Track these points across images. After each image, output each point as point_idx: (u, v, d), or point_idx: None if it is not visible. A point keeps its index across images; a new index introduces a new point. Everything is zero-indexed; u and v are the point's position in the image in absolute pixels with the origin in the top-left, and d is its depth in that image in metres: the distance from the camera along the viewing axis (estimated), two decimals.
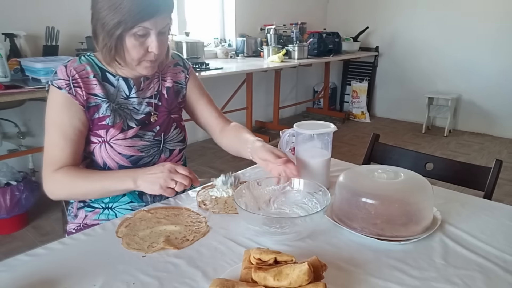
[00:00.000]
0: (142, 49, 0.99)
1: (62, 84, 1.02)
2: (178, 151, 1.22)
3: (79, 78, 1.03)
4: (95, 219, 1.13)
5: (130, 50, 0.99)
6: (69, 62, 1.05)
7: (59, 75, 1.02)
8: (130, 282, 0.73)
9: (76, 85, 1.03)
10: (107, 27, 0.96)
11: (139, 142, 1.11)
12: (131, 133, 1.10)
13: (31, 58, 2.52)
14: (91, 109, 1.05)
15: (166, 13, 0.98)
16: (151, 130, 1.15)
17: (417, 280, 0.73)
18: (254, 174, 1.26)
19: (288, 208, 0.99)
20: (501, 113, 4.27)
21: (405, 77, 4.89)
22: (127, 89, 1.11)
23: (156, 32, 0.98)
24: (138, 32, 0.96)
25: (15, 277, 0.74)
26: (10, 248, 2.21)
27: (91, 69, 1.06)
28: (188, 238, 0.87)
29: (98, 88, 1.06)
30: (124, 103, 1.11)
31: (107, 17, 0.94)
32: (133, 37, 0.97)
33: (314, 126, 1.10)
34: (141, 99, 1.13)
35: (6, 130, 2.67)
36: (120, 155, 1.09)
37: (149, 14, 0.94)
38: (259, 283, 0.65)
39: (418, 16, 4.63)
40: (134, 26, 0.95)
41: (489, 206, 1.04)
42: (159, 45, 0.99)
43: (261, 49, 4.17)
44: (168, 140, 1.19)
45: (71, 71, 1.03)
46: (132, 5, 0.92)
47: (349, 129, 4.70)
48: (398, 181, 0.90)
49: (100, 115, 1.06)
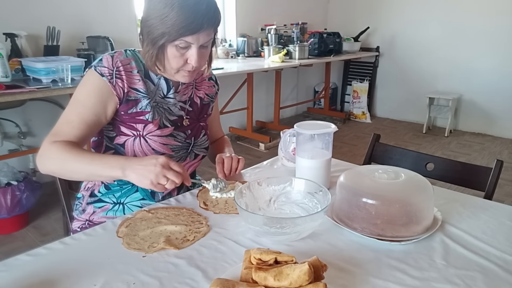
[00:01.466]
0: (181, 60, 1.02)
1: (105, 72, 1.03)
2: (201, 157, 1.26)
3: (123, 70, 1.05)
4: (103, 216, 1.14)
5: (170, 59, 1.02)
6: (116, 53, 1.07)
7: (104, 63, 1.04)
8: (131, 282, 0.73)
9: (118, 77, 1.04)
10: (152, 35, 0.98)
11: (172, 141, 1.14)
12: (167, 131, 1.13)
13: (32, 58, 2.52)
14: (130, 102, 1.07)
15: (210, 29, 0.99)
16: (183, 132, 1.18)
17: (418, 281, 0.73)
18: (254, 174, 1.26)
19: (288, 208, 0.99)
20: (502, 113, 4.26)
21: (406, 77, 4.89)
22: (166, 89, 1.14)
23: (197, 46, 0.99)
24: (180, 45, 0.98)
25: (16, 277, 0.74)
26: (11, 248, 2.21)
27: (135, 64, 1.09)
28: (189, 238, 0.87)
29: (140, 83, 1.08)
30: (160, 102, 1.13)
31: (153, 25, 0.97)
32: (174, 48, 0.99)
33: (315, 126, 1.10)
34: (176, 101, 1.16)
35: (7, 130, 2.67)
36: (153, 151, 1.10)
37: (192, 30, 0.96)
38: (259, 283, 0.65)
39: (418, 16, 4.62)
40: (176, 39, 0.97)
41: (490, 206, 1.04)
42: (199, 58, 1.01)
43: (261, 49, 4.17)
44: (197, 144, 1.22)
45: (117, 63, 1.05)
46: (177, 19, 0.94)
47: (349, 129, 4.70)
48: (399, 181, 0.90)
49: (139, 110, 1.08)
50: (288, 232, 0.83)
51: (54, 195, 1.28)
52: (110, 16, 3.11)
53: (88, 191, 1.19)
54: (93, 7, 3.00)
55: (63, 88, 2.24)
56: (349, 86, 5.29)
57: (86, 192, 1.19)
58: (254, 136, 4.08)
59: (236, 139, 4.14)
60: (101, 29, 2.96)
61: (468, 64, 4.37)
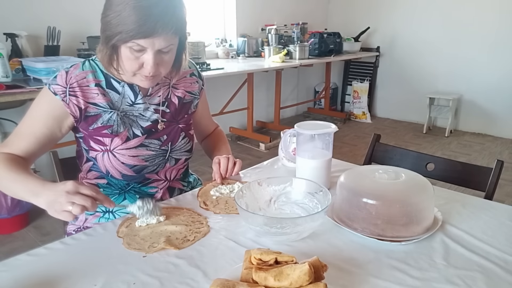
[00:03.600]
0: (136, 63, 0.95)
1: (58, 90, 1.00)
2: (184, 160, 1.20)
3: (78, 87, 1.01)
4: (95, 223, 1.12)
5: (124, 61, 0.96)
6: (71, 68, 1.03)
7: (58, 80, 1.00)
8: (131, 282, 0.73)
9: (72, 94, 1.00)
10: (105, 33, 0.93)
11: (144, 151, 1.09)
12: (136, 142, 1.07)
13: (32, 58, 2.52)
14: (89, 118, 1.03)
15: (165, 34, 0.91)
16: (157, 139, 1.12)
17: (418, 281, 0.73)
18: (254, 174, 1.26)
19: (288, 209, 0.99)
20: (502, 113, 4.26)
21: (406, 78, 4.88)
22: (133, 95, 1.08)
23: (153, 51, 0.92)
24: (133, 47, 0.92)
25: (16, 277, 0.74)
26: (11, 248, 2.21)
27: (93, 76, 1.04)
28: (189, 238, 0.87)
29: (99, 97, 1.03)
30: (129, 110, 1.08)
31: (108, 23, 0.91)
32: (128, 50, 0.93)
33: (315, 126, 1.10)
34: (148, 105, 1.10)
35: (7, 130, 2.67)
36: (123, 165, 1.06)
37: (144, 34, 0.89)
38: (259, 283, 0.65)
39: (419, 16, 4.62)
40: (128, 41, 0.90)
41: (490, 206, 1.04)
42: (156, 63, 0.95)
43: (262, 49, 4.17)
44: (175, 149, 1.16)
45: (71, 79, 1.01)
46: (128, 20, 0.87)
47: (350, 129, 4.70)
48: (399, 181, 0.90)
49: (100, 125, 1.04)
50: (289, 232, 0.83)
51: None
52: None
53: None
54: (93, 7, 2.97)
55: None
56: (349, 86, 5.29)
57: None
58: (255, 136, 4.08)
59: (236, 139, 4.14)
60: None
61: (468, 64, 4.37)
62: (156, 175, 1.16)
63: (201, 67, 3.17)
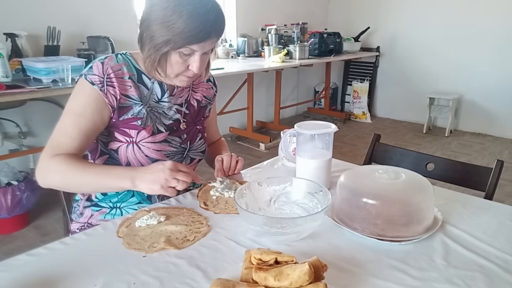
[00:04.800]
0: (183, 66, 1.01)
1: (96, 80, 1.01)
2: (198, 160, 1.24)
3: (114, 77, 1.04)
4: (101, 219, 1.13)
5: (173, 65, 1.01)
6: (106, 59, 1.05)
7: (94, 71, 1.02)
8: (131, 282, 0.73)
9: (109, 84, 1.03)
10: (155, 41, 0.96)
11: (167, 147, 1.12)
12: (161, 137, 1.11)
13: (32, 58, 2.52)
14: (122, 109, 1.06)
15: (215, 38, 0.99)
16: (178, 137, 1.16)
17: (418, 281, 0.73)
18: (254, 174, 1.26)
19: (288, 208, 0.99)
20: (502, 113, 4.26)
21: (406, 77, 4.88)
22: (160, 93, 1.12)
23: (200, 53, 0.99)
24: (184, 52, 0.98)
25: (16, 277, 0.74)
26: (11, 248, 2.21)
27: (127, 69, 1.07)
28: (189, 238, 0.87)
29: (132, 89, 1.06)
30: (155, 106, 1.12)
31: (158, 31, 0.95)
32: (178, 55, 0.98)
33: (315, 126, 1.10)
34: (172, 104, 1.14)
35: (7, 130, 2.67)
36: (146, 158, 1.08)
37: (200, 39, 0.95)
38: (259, 283, 0.65)
39: (419, 16, 4.62)
40: (182, 47, 0.96)
41: (490, 206, 1.04)
42: (201, 64, 1.01)
43: (262, 49, 4.17)
44: (193, 149, 1.21)
45: (108, 69, 1.03)
46: (185, 28, 0.92)
47: (350, 129, 4.70)
48: (399, 181, 0.90)
49: (131, 116, 1.07)
50: (289, 232, 0.83)
51: (54, 195, 1.28)
52: (110, 16, 3.11)
53: (85, 196, 1.18)
54: (93, 7, 3.00)
55: (64, 88, 2.24)
56: (349, 86, 5.29)
57: (83, 197, 1.18)
58: (255, 136, 4.08)
59: (236, 139, 4.14)
60: (101, 29, 2.96)
61: (468, 64, 4.37)
62: None
63: None
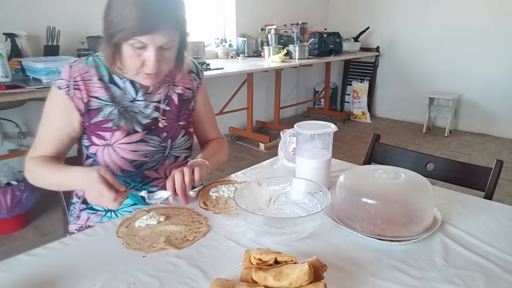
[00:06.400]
0: (138, 61, 0.97)
1: (62, 85, 1.02)
2: (184, 158, 1.21)
3: (81, 80, 1.03)
4: (98, 221, 1.13)
5: (127, 59, 0.98)
6: (75, 63, 1.05)
7: (63, 75, 1.03)
8: (131, 282, 0.73)
9: (76, 87, 1.03)
10: (107, 32, 0.96)
11: (144, 147, 1.09)
12: (136, 137, 1.08)
13: (32, 58, 2.52)
14: (92, 111, 1.05)
15: (166, 30, 0.93)
16: (157, 136, 1.12)
17: (418, 281, 0.73)
18: (254, 174, 1.26)
19: (288, 208, 0.99)
20: (502, 113, 4.26)
21: (406, 77, 4.88)
22: (134, 92, 1.09)
23: (155, 47, 0.94)
24: (135, 44, 0.93)
25: (16, 277, 0.74)
26: (11, 248, 2.21)
27: (96, 71, 1.06)
28: (189, 238, 0.87)
29: (101, 91, 1.05)
30: (130, 106, 1.09)
31: (110, 22, 0.94)
32: (130, 47, 0.95)
33: (315, 126, 1.10)
34: (148, 102, 1.11)
35: (7, 130, 2.67)
36: (123, 159, 1.07)
37: (145, 30, 0.91)
38: (259, 283, 0.65)
39: (419, 16, 4.62)
40: (129, 38, 0.92)
41: (490, 206, 1.04)
42: (158, 60, 0.96)
43: (261, 49, 4.17)
44: (175, 147, 1.17)
45: (74, 73, 1.03)
46: (129, 17, 0.90)
47: (349, 129, 4.70)
48: (399, 181, 0.90)
49: (102, 118, 1.06)
50: (288, 232, 0.83)
51: (54, 195, 1.28)
52: None
53: (80, 199, 1.18)
54: (93, 7, 2.98)
55: None
56: (349, 86, 5.29)
57: (78, 199, 1.18)
58: (254, 136, 4.08)
59: (236, 139, 4.14)
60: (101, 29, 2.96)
61: (468, 64, 4.37)
62: (156, 173, 1.16)
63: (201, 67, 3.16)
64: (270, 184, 1.01)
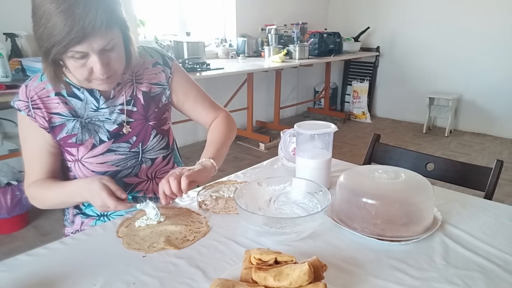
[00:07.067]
0: (86, 70, 0.89)
1: (22, 106, 0.99)
2: (162, 158, 1.15)
3: (38, 99, 0.99)
4: (92, 226, 1.11)
5: (73, 71, 0.90)
6: (30, 81, 1.00)
7: (20, 96, 0.99)
8: (131, 282, 0.73)
9: (35, 107, 0.98)
10: (41, 50, 0.87)
11: (112, 156, 1.05)
12: (101, 148, 1.04)
13: (32, 58, 2.52)
14: (55, 128, 1.01)
15: (98, 31, 0.83)
16: (126, 142, 1.07)
17: (418, 281, 0.73)
18: (254, 174, 1.26)
19: (288, 208, 0.99)
20: (502, 113, 4.26)
21: (406, 77, 4.89)
22: (95, 101, 1.03)
23: (96, 53, 0.86)
24: (75, 56, 0.85)
25: (16, 277, 0.74)
26: (11, 248, 2.21)
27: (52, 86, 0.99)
28: (189, 238, 0.87)
29: (60, 106, 1.00)
30: (95, 116, 1.04)
31: (40, 40, 0.85)
32: (71, 60, 0.87)
33: (315, 126, 1.10)
34: (113, 108, 1.05)
35: (7, 130, 2.67)
36: (93, 173, 1.04)
37: (76, 39, 0.82)
38: (259, 283, 0.65)
39: (419, 16, 4.62)
40: (66, 51, 0.84)
41: (490, 206, 1.04)
42: (105, 64, 0.89)
43: (262, 49, 4.17)
44: (148, 149, 1.11)
45: (30, 92, 0.99)
46: (57, 30, 0.81)
47: (349, 129, 4.70)
48: (399, 181, 0.90)
49: (65, 134, 1.01)
50: (288, 232, 0.83)
51: None
52: None
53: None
54: None
55: None
56: (349, 86, 5.29)
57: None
58: (254, 136, 4.08)
59: (236, 139, 4.12)
60: None
61: (468, 64, 4.37)
62: (137, 178, 1.13)
63: (201, 67, 3.16)
64: (270, 184, 1.01)
